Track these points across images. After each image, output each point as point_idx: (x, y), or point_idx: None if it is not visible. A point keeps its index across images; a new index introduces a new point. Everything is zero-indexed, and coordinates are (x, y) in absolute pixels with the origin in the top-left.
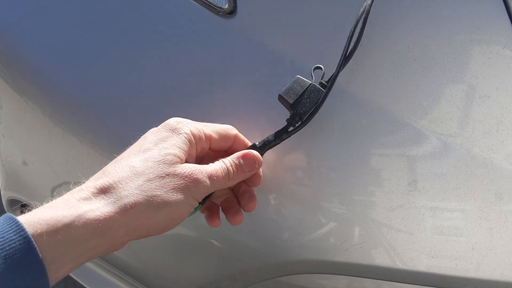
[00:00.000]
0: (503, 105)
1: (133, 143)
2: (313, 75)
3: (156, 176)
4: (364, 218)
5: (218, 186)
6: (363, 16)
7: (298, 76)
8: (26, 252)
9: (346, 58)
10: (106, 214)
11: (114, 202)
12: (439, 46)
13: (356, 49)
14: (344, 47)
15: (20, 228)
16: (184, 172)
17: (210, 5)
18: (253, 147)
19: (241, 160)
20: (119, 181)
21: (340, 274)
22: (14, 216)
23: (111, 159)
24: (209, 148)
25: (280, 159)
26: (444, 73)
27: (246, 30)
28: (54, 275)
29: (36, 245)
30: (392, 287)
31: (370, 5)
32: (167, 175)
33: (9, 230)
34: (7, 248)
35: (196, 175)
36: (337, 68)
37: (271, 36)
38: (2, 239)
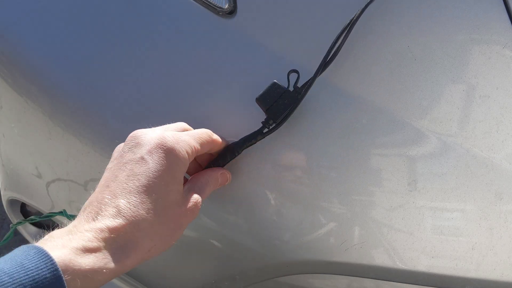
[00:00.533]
0: (503, 105)
1: (118, 143)
2: (289, 79)
3: (169, 220)
4: (364, 218)
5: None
6: (347, 28)
7: (275, 81)
8: None
9: (324, 66)
10: (129, 261)
11: (136, 249)
12: (439, 46)
13: (333, 59)
14: (324, 56)
15: (54, 268)
16: (190, 207)
17: (210, 5)
18: (231, 146)
19: (219, 178)
20: (138, 226)
21: (340, 274)
22: (50, 255)
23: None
24: None
25: (280, 159)
26: (444, 73)
27: (246, 30)
28: None
29: None
30: (392, 287)
31: (357, 19)
32: (179, 215)
33: (44, 268)
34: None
35: (198, 205)
36: (313, 75)
37: (271, 36)
38: (38, 277)
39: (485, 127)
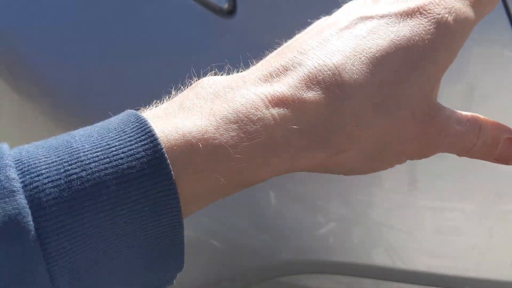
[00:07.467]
0: (503, 105)
1: None
2: None
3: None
4: (364, 218)
5: None
6: None
7: None
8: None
9: None
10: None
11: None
12: None
13: None
14: None
15: (153, 138)
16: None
17: (210, 5)
18: None
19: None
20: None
21: (340, 274)
22: (151, 127)
23: None
24: None
25: None
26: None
27: (246, 30)
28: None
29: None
30: (392, 287)
31: None
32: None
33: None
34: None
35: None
36: None
37: (271, 36)
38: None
39: None
